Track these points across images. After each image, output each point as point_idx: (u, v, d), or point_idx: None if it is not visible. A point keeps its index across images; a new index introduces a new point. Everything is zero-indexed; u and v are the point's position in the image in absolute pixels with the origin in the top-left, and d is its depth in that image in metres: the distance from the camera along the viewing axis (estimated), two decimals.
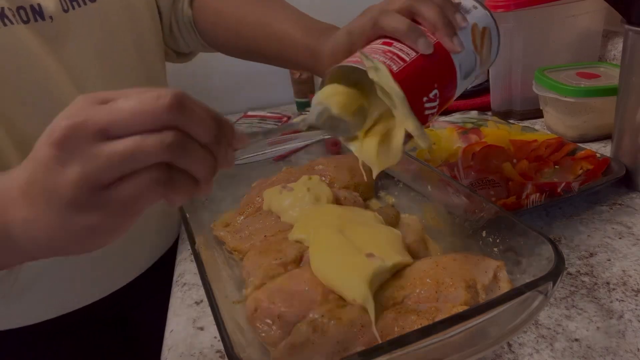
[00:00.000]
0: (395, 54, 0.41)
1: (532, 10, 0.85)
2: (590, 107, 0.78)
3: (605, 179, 0.65)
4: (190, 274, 0.63)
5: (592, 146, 0.78)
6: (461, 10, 0.46)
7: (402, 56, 0.41)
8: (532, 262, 0.44)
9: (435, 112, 0.43)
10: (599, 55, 0.96)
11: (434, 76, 0.42)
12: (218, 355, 0.49)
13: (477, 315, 0.35)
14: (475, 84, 1.03)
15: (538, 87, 0.83)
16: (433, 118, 0.44)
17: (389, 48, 0.42)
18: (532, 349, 0.45)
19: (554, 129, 0.84)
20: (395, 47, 0.42)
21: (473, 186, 0.64)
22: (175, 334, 0.53)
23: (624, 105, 0.66)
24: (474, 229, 0.53)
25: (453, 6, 0.45)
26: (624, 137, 0.68)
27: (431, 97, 0.41)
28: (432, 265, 0.46)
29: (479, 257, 0.47)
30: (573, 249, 0.57)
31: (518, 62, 0.90)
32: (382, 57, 0.41)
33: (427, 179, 0.61)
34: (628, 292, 0.50)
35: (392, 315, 0.42)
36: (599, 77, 0.80)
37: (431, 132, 0.83)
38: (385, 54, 0.41)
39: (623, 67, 0.65)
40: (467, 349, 0.37)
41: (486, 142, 0.72)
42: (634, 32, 0.62)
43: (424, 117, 0.42)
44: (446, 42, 0.42)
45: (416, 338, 0.34)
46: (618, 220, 0.61)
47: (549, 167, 0.69)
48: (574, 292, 0.51)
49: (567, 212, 0.64)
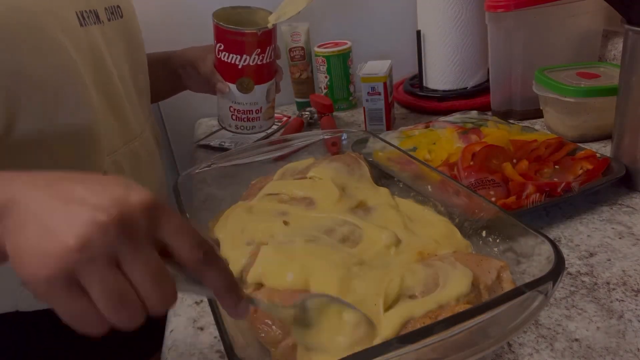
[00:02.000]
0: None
1: (532, 10, 0.85)
2: (590, 107, 0.78)
3: (605, 179, 0.65)
4: None
5: (592, 146, 0.78)
6: None
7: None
8: (532, 262, 0.44)
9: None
10: (599, 55, 0.96)
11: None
12: (218, 355, 0.49)
13: (477, 315, 0.35)
14: (475, 84, 1.03)
15: (538, 87, 0.83)
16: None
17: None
18: (532, 349, 0.45)
19: (554, 129, 0.84)
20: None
21: (473, 186, 0.64)
22: (175, 334, 0.53)
23: (624, 105, 0.67)
24: (474, 229, 0.53)
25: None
26: (624, 137, 0.68)
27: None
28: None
29: (482, 257, 0.47)
30: (573, 249, 0.57)
31: (518, 62, 0.90)
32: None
33: (427, 179, 0.61)
34: (628, 292, 0.50)
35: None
36: (599, 77, 0.80)
37: (431, 132, 0.83)
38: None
39: (623, 67, 0.65)
40: (467, 349, 0.37)
41: (486, 142, 0.72)
42: (634, 32, 0.62)
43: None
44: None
45: (416, 338, 0.34)
46: (618, 220, 0.61)
47: (549, 167, 0.69)
48: (574, 292, 0.51)
49: (567, 212, 0.64)
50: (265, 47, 0.78)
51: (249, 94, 0.81)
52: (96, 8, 0.62)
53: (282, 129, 1.06)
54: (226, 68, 0.79)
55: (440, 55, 1.01)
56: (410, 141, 0.81)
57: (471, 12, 0.96)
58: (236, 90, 0.80)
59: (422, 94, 1.06)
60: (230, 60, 0.78)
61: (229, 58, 0.78)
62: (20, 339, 0.64)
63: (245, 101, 0.82)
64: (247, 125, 0.85)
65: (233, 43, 0.77)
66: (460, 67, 1.02)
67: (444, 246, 0.50)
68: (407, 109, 1.10)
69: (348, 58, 1.09)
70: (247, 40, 0.77)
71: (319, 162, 0.68)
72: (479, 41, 0.99)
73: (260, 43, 0.77)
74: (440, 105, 1.03)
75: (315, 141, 0.75)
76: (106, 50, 0.62)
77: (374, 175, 0.68)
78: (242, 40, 0.76)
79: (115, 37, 0.65)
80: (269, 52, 0.79)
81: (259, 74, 0.80)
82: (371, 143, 0.73)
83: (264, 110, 0.84)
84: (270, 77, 0.83)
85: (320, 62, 1.09)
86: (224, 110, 0.84)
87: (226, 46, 0.77)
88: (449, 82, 1.03)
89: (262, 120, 0.86)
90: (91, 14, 0.60)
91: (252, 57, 0.78)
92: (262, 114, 0.84)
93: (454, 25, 0.98)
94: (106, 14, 0.64)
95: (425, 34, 1.02)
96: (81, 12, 0.58)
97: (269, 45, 0.79)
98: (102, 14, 0.63)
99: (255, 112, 0.83)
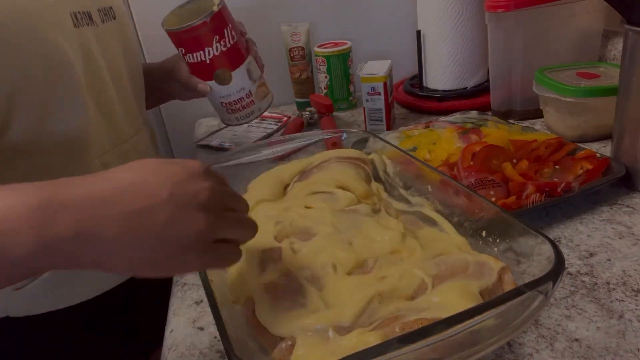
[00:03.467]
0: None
1: (532, 10, 0.85)
2: (590, 107, 0.78)
3: (605, 179, 0.65)
4: (190, 274, 0.63)
5: (592, 146, 0.78)
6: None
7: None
8: (532, 262, 0.44)
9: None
10: (599, 55, 0.96)
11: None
12: (218, 356, 0.49)
13: (477, 315, 0.35)
14: (475, 84, 1.03)
15: (538, 87, 0.83)
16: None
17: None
18: (532, 349, 0.45)
19: (554, 129, 0.84)
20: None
21: (473, 186, 0.64)
22: (175, 334, 0.53)
23: (624, 105, 0.66)
24: (474, 229, 0.53)
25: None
26: (624, 137, 0.68)
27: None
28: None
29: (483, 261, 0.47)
30: (573, 249, 0.57)
31: (518, 62, 0.90)
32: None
33: (427, 179, 0.61)
34: (628, 292, 0.50)
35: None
36: (599, 77, 0.80)
37: (431, 132, 0.83)
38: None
39: (623, 67, 0.65)
40: (467, 349, 0.37)
41: (486, 142, 0.72)
42: (634, 32, 0.62)
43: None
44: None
45: (416, 338, 0.34)
46: (618, 220, 0.61)
47: (549, 167, 0.69)
48: (574, 292, 0.51)
49: (567, 212, 0.64)
50: (222, 31, 0.75)
51: (230, 84, 0.78)
52: (89, 9, 0.61)
53: (282, 129, 1.06)
54: (198, 68, 0.77)
55: (440, 55, 1.01)
56: (410, 141, 0.81)
57: (471, 12, 0.96)
58: (216, 85, 0.78)
59: (422, 94, 1.06)
60: (197, 60, 0.75)
61: (194, 58, 0.75)
62: (11, 345, 0.64)
63: (230, 92, 0.79)
64: (246, 113, 0.82)
65: (190, 41, 0.74)
66: (460, 67, 1.02)
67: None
68: (407, 109, 1.10)
69: (348, 58, 1.09)
70: (202, 33, 0.73)
71: (329, 167, 0.66)
72: (479, 41, 0.99)
73: (216, 29, 0.74)
74: (440, 105, 1.03)
75: (315, 141, 0.75)
76: (99, 52, 0.62)
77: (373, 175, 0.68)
78: (196, 35, 0.73)
79: (111, 39, 0.65)
80: (229, 33, 0.75)
81: (229, 60, 0.77)
82: (371, 143, 0.73)
83: (255, 91, 0.81)
84: (243, 57, 0.79)
85: (320, 62, 1.09)
86: (218, 109, 0.82)
87: (186, 48, 0.75)
88: (449, 82, 1.03)
89: (258, 103, 0.82)
90: (84, 16, 0.60)
91: (214, 47, 0.74)
92: (254, 96, 0.81)
93: (454, 25, 0.98)
94: (99, 15, 0.63)
95: (425, 34, 1.02)
96: (75, 13, 0.58)
97: (225, 27, 0.75)
98: (95, 16, 0.62)
99: (246, 97, 0.80)
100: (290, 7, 1.14)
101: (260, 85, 0.83)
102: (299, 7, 1.15)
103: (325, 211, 0.57)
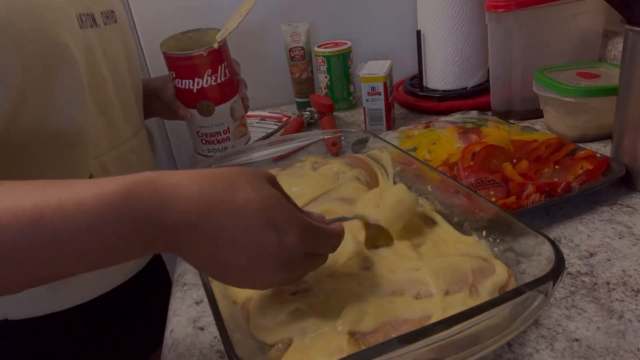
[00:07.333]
0: None
1: (532, 10, 0.85)
2: (590, 107, 0.78)
3: (605, 179, 0.65)
4: (190, 274, 0.63)
5: (592, 146, 0.78)
6: None
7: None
8: (532, 262, 0.44)
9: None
10: (599, 55, 0.96)
11: None
12: (218, 356, 0.49)
13: (477, 315, 0.35)
14: (475, 84, 1.03)
15: (538, 87, 0.83)
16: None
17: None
18: (532, 349, 0.45)
19: (554, 129, 0.84)
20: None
21: (473, 186, 0.64)
22: (175, 334, 0.53)
23: (624, 105, 0.67)
24: (474, 229, 0.53)
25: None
26: (624, 137, 0.68)
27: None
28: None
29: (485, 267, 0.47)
30: (573, 249, 0.57)
31: (518, 62, 0.90)
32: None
33: (427, 179, 0.61)
34: (628, 292, 0.50)
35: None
36: (599, 77, 0.80)
37: (431, 132, 0.83)
38: None
39: (623, 67, 0.65)
40: (467, 349, 0.37)
41: (486, 142, 0.72)
42: (634, 32, 0.62)
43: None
44: None
45: (416, 338, 0.34)
46: (618, 220, 0.61)
47: (549, 167, 0.69)
48: (574, 292, 0.51)
49: (567, 212, 0.64)
50: (217, 67, 0.76)
51: (211, 117, 0.79)
52: (93, 12, 0.62)
53: (282, 129, 1.06)
54: (184, 94, 0.77)
55: (440, 55, 1.02)
56: (410, 141, 0.81)
57: (471, 12, 0.96)
58: (197, 114, 0.79)
59: (422, 94, 1.06)
60: (185, 87, 0.77)
61: (183, 84, 0.76)
62: (9, 348, 0.64)
63: (209, 124, 0.80)
64: (219, 148, 0.82)
65: (184, 68, 0.75)
66: (460, 67, 1.02)
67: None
68: (407, 109, 1.10)
69: (348, 58, 1.09)
70: (196, 63, 0.75)
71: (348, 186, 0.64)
72: (479, 41, 0.99)
73: (211, 63, 0.76)
74: (440, 105, 1.03)
75: (315, 141, 0.75)
76: (101, 54, 0.62)
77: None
78: (192, 64, 0.75)
79: (112, 42, 0.66)
80: (222, 70, 0.77)
81: (216, 95, 0.78)
82: (371, 143, 0.73)
83: (233, 129, 0.82)
84: (230, 95, 0.80)
85: (320, 62, 1.09)
86: (194, 136, 0.82)
87: (178, 73, 0.76)
88: (449, 82, 1.04)
89: (233, 140, 0.83)
90: (88, 17, 0.61)
91: (204, 79, 0.76)
92: (231, 133, 0.82)
93: (454, 25, 0.98)
94: (102, 18, 0.64)
95: (425, 34, 1.02)
96: (80, 14, 0.59)
97: (220, 63, 0.77)
98: (98, 18, 0.63)
99: (223, 133, 0.81)
100: (290, 7, 1.14)
101: (240, 125, 0.83)
102: (299, 7, 1.15)
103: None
